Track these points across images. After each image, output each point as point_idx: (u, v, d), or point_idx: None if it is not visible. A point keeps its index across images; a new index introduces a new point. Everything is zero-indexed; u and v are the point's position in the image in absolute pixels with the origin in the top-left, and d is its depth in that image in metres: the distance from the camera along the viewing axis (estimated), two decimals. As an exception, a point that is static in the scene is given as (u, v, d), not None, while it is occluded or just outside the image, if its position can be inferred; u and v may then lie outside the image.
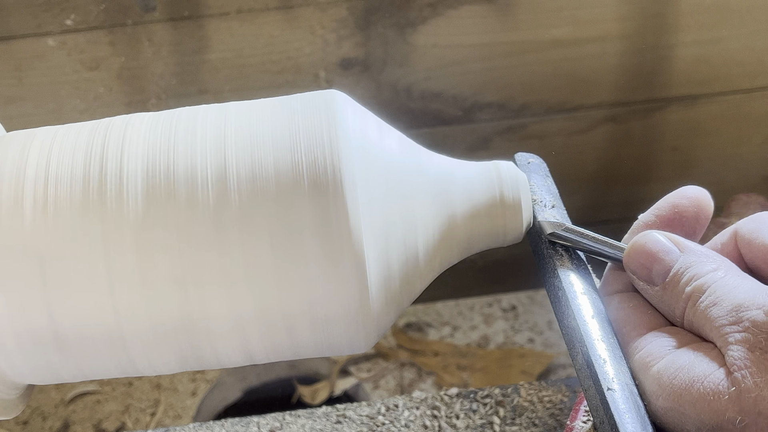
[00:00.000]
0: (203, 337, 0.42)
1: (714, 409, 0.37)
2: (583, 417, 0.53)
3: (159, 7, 0.87)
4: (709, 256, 0.41)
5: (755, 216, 0.43)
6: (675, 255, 0.41)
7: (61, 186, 0.41)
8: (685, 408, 0.38)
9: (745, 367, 0.36)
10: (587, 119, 1.02)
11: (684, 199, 0.44)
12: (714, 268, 0.40)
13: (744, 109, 1.02)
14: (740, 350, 0.37)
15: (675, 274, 0.41)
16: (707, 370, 0.38)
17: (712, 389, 0.37)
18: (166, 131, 0.43)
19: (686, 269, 0.41)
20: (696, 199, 0.44)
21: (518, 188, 0.45)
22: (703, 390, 0.37)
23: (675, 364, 0.39)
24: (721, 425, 0.37)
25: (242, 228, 0.40)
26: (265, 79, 0.93)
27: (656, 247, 0.42)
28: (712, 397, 0.37)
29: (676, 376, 0.38)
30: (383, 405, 0.62)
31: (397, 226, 0.43)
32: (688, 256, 0.41)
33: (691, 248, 0.42)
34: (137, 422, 1.02)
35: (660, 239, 0.42)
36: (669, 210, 0.44)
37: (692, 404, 0.37)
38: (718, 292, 0.39)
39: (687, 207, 0.44)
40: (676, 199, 0.44)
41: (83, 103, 0.92)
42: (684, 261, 0.41)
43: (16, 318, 0.41)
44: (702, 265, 0.41)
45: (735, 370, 0.37)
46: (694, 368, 0.38)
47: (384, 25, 0.91)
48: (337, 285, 0.41)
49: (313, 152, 0.41)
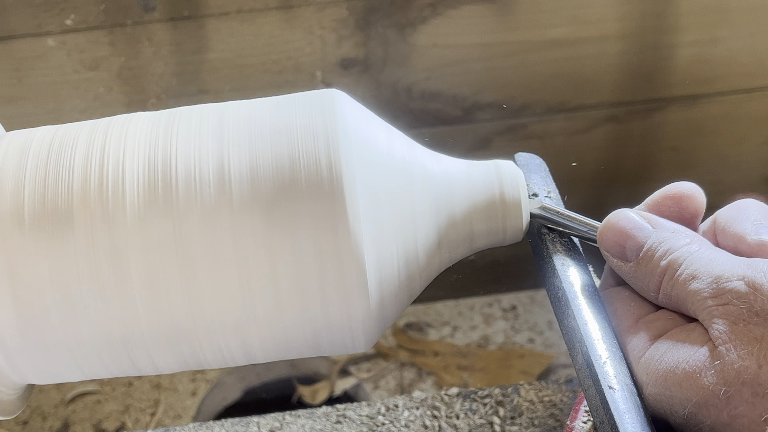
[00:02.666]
0: (203, 337, 0.42)
1: (699, 385, 0.37)
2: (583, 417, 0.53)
3: (159, 7, 0.87)
4: (681, 230, 0.42)
5: (735, 204, 0.43)
6: (647, 231, 0.42)
7: (61, 187, 0.41)
8: (672, 390, 0.38)
9: (729, 341, 0.37)
10: (587, 119, 1.02)
11: (666, 197, 0.44)
12: (688, 242, 0.41)
13: (744, 109, 1.02)
14: (723, 324, 0.37)
15: (648, 249, 0.41)
16: (690, 351, 0.38)
17: (697, 366, 0.37)
18: (165, 131, 0.43)
19: (659, 244, 0.41)
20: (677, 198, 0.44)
21: (518, 188, 0.46)
22: (688, 369, 0.37)
23: (659, 351, 0.39)
24: (707, 400, 0.37)
25: (242, 228, 0.40)
26: (265, 79, 0.93)
27: (628, 224, 0.42)
28: (697, 374, 0.37)
29: (661, 361, 0.39)
30: (383, 405, 0.62)
31: (397, 226, 0.43)
32: (660, 231, 0.42)
33: (663, 224, 0.42)
34: (137, 422, 1.02)
35: (632, 216, 0.42)
36: (653, 207, 0.44)
37: (678, 385, 0.38)
38: (695, 265, 0.39)
39: (670, 205, 0.44)
40: (660, 197, 0.44)
41: (83, 103, 0.92)
42: (657, 236, 0.41)
43: (20, 317, 0.41)
44: (675, 239, 0.41)
45: (719, 344, 0.37)
46: (678, 351, 0.38)
47: (384, 25, 0.91)
48: (336, 285, 0.41)
49: (312, 152, 0.41)
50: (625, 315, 0.42)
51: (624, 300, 0.43)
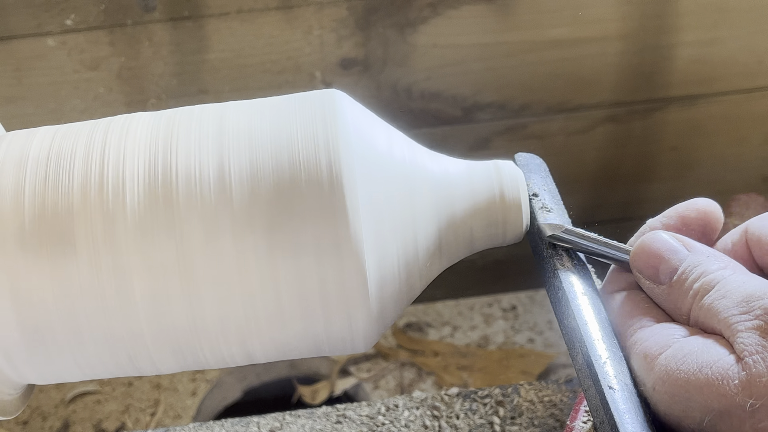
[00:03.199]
0: (203, 337, 0.42)
1: (722, 393, 0.37)
2: (583, 417, 0.53)
3: (159, 7, 0.87)
4: (716, 255, 0.41)
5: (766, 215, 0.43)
6: (683, 254, 0.42)
7: (61, 187, 0.41)
8: (691, 393, 0.37)
9: (756, 353, 0.36)
10: (587, 119, 1.02)
11: (692, 211, 0.44)
12: (722, 267, 0.41)
13: (744, 109, 1.02)
14: (752, 336, 0.37)
15: (683, 272, 0.41)
16: (716, 356, 0.38)
17: (722, 374, 0.37)
18: (165, 131, 0.43)
19: (694, 268, 0.41)
20: (704, 212, 0.44)
21: (518, 188, 0.45)
22: (712, 375, 0.37)
23: (683, 351, 0.39)
24: (730, 410, 0.36)
25: (241, 228, 0.40)
26: (265, 79, 0.93)
27: (664, 246, 0.42)
28: (721, 381, 0.37)
29: (684, 362, 0.38)
30: (383, 405, 0.62)
31: (397, 226, 0.43)
32: (695, 255, 0.42)
33: (698, 248, 0.42)
34: (137, 422, 1.02)
35: (667, 239, 0.42)
36: (676, 220, 0.44)
37: (699, 389, 0.37)
38: (726, 287, 0.39)
39: (694, 219, 0.44)
40: (684, 210, 0.44)
41: (83, 103, 0.92)
42: (692, 260, 0.41)
43: (21, 318, 0.41)
44: (710, 263, 0.41)
45: (746, 355, 0.37)
46: (703, 354, 0.38)
47: (384, 25, 0.91)
48: (336, 285, 0.41)
49: (312, 152, 0.41)
50: (643, 316, 0.42)
51: (642, 302, 0.43)
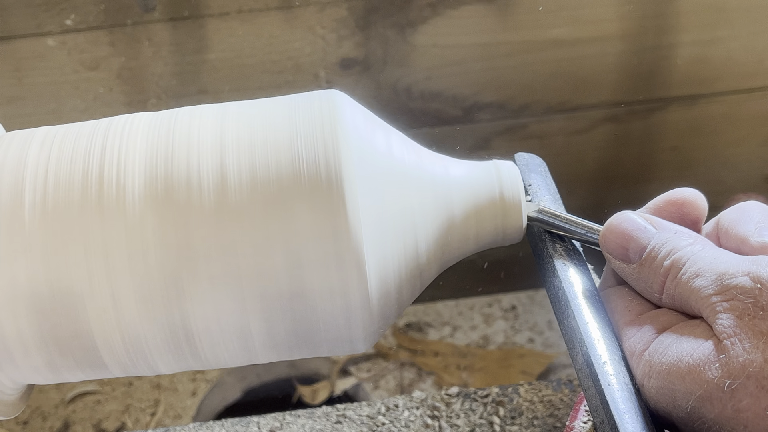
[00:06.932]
0: (203, 337, 0.42)
1: (703, 378, 0.37)
2: (583, 417, 0.53)
3: (159, 7, 0.87)
4: (683, 231, 0.42)
5: (738, 206, 0.43)
6: (650, 232, 0.42)
7: (60, 187, 0.41)
8: (675, 384, 0.38)
9: (734, 335, 0.37)
10: (587, 119, 1.02)
11: (667, 203, 0.44)
12: (691, 242, 0.41)
13: (744, 109, 1.02)
14: (728, 318, 0.37)
15: (651, 250, 0.41)
16: (694, 344, 0.38)
17: (701, 359, 0.37)
18: (165, 131, 0.43)
19: (662, 245, 0.41)
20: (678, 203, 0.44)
21: (518, 188, 0.46)
22: (692, 362, 0.37)
23: (663, 344, 0.39)
24: (711, 393, 0.37)
25: (241, 229, 0.40)
26: (265, 79, 0.93)
27: (631, 226, 0.42)
28: (702, 367, 0.37)
29: (665, 354, 0.39)
30: (383, 405, 0.62)
31: (397, 226, 0.43)
32: (663, 233, 0.42)
33: (666, 225, 0.42)
34: (137, 422, 1.02)
35: (634, 218, 0.43)
36: (654, 211, 0.44)
37: (681, 378, 0.38)
38: (698, 264, 0.39)
39: (671, 211, 0.44)
40: (661, 202, 0.44)
41: (83, 103, 0.92)
42: (660, 237, 0.41)
43: (18, 320, 0.41)
44: (678, 240, 0.41)
45: (724, 338, 0.37)
46: (682, 344, 0.38)
47: (384, 25, 0.91)
48: (337, 285, 0.41)
49: (312, 152, 0.41)
50: (627, 311, 0.42)
51: (625, 297, 0.43)
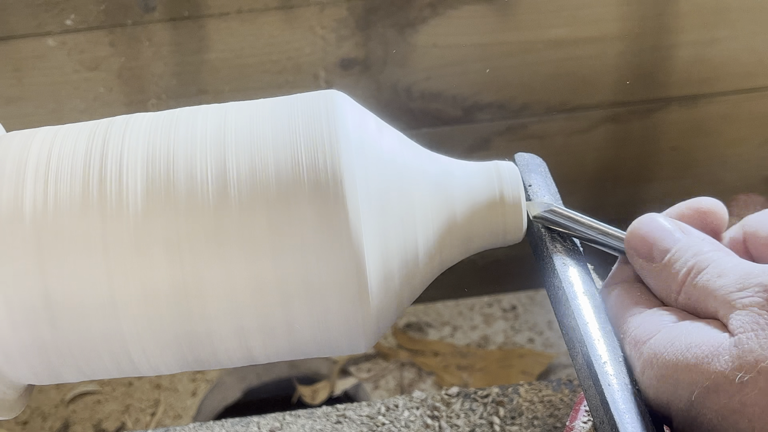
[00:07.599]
0: (203, 337, 0.42)
1: (711, 370, 0.37)
2: (583, 417, 0.53)
3: (159, 7, 0.87)
4: (710, 240, 0.42)
5: (763, 211, 0.44)
6: (678, 235, 0.42)
7: (61, 187, 0.41)
8: (679, 374, 0.38)
9: (751, 330, 0.37)
10: (587, 119, 1.02)
11: (691, 210, 0.44)
12: (715, 249, 0.41)
13: (744, 109, 1.02)
14: (747, 314, 0.37)
15: (676, 251, 0.42)
16: (706, 336, 0.38)
17: (712, 351, 0.37)
18: (166, 131, 0.43)
19: (688, 248, 0.41)
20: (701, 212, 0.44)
21: (518, 188, 0.46)
22: (701, 353, 0.37)
23: (671, 334, 0.39)
24: (718, 385, 0.37)
25: (242, 228, 0.40)
26: (265, 79, 0.93)
27: (659, 227, 0.43)
28: (710, 358, 0.37)
29: (672, 344, 0.38)
30: (383, 405, 0.62)
31: (397, 226, 0.43)
32: (689, 237, 0.42)
33: (693, 232, 0.42)
34: (137, 422, 1.02)
35: (662, 221, 0.43)
36: (675, 217, 0.44)
37: (687, 369, 0.37)
38: (722, 266, 0.40)
39: (692, 217, 0.44)
40: (684, 209, 0.44)
41: (83, 103, 0.92)
42: (686, 241, 0.42)
43: (17, 321, 0.41)
44: (703, 245, 0.41)
45: (739, 332, 0.37)
46: (692, 335, 0.38)
47: (384, 25, 0.91)
48: (337, 285, 0.41)
49: (313, 152, 0.41)
50: (636, 305, 0.42)
51: (635, 292, 0.43)
